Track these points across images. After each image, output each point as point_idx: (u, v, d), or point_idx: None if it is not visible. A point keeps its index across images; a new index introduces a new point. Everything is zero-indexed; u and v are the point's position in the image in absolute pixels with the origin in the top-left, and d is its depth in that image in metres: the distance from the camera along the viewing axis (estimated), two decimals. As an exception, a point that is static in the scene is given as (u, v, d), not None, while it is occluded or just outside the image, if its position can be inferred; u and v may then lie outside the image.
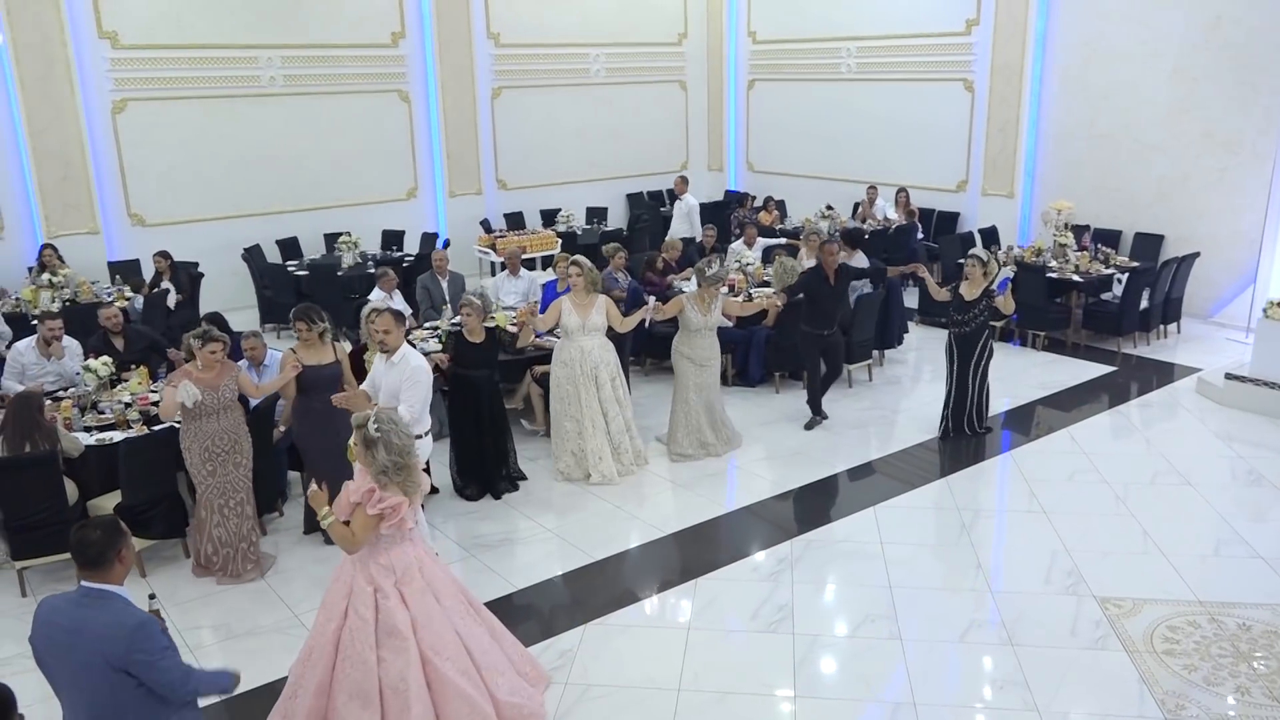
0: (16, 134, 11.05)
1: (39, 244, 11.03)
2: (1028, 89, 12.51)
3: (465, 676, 4.29)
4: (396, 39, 13.55)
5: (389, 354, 5.76)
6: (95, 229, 11.61)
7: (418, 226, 13.75)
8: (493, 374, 7.16)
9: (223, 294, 11.74)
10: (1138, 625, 5.41)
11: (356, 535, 4.19)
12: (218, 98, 12.33)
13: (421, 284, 9.85)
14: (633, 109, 16.20)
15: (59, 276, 10.10)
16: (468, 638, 4.41)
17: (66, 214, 11.38)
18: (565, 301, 7.31)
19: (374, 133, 13.62)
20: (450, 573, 4.70)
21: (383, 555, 4.27)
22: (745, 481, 7.51)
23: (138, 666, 3.22)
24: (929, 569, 6.14)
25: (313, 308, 6.32)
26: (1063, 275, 10.53)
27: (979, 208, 13.33)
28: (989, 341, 7.89)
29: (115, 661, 3.19)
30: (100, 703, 3.26)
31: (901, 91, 14.22)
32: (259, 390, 6.18)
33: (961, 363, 7.90)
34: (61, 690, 3.37)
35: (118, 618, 3.24)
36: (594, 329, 7.26)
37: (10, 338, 8.29)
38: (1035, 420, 8.65)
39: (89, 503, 6.26)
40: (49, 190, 11.25)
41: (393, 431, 4.19)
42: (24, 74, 10.88)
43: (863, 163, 14.77)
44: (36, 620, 3.35)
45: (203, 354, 5.75)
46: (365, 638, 4.19)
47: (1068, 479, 7.37)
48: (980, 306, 7.72)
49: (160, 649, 3.28)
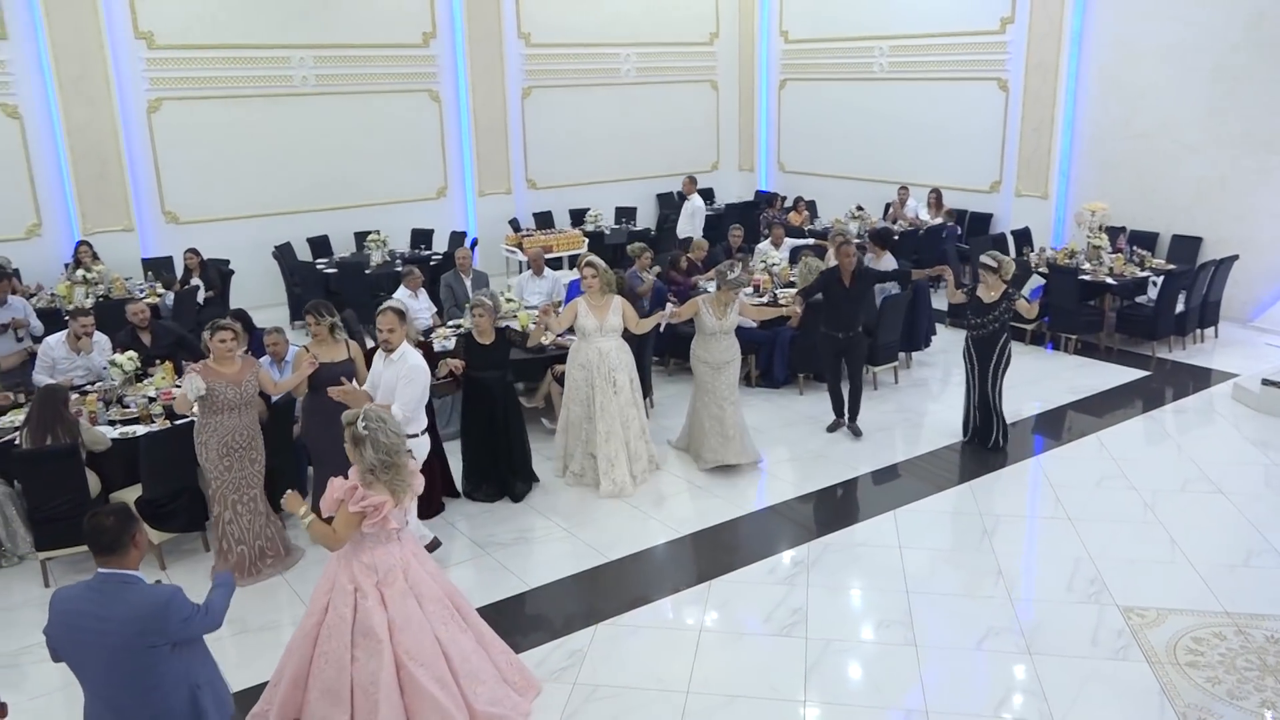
0: (55, 133, 11.25)
1: (75, 241, 11.22)
2: (1063, 88, 12.30)
3: (439, 684, 4.23)
4: (428, 39, 13.63)
5: (390, 352, 5.77)
6: (130, 226, 11.79)
7: (447, 225, 13.81)
8: (505, 375, 7.07)
9: (254, 291, 11.88)
10: (1161, 636, 5.28)
11: (338, 532, 4.18)
12: (251, 97, 12.47)
13: (445, 282, 9.90)
14: (663, 109, 16.16)
15: (93, 273, 10.27)
16: (448, 644, 4.35)
17: (102, 211, 11.57)
18: (581, 303, 7.21)
19: (405, 132, 13.70)
20: (440, 576, 4.64)
21: (366, 554, 4.25)
22: (765, 483, 7.44)
23: (179, 633, 3.37)
24: (948, 574, 6.03)
25: (323, 303, 6.36)
26: (1096, 278, 10.34)
27: (1012, 209, 13.13)
28: (1008, 346, 7.67)
29: (156, 637, 3.30)
30: (138, 680, 3.33)
31: (934, 91, 14.05)
32: (278, 388, 6.19)
33: (980, 368, 7.70)
34: (90, 677, 3.42)
35: (148, 597, 3.36)
36: (611, 330, 7.16)
37: (42, 332, 8.43)
38: (1064, 425, 8.49)
39: (111, 495, 6.35)
40: (85, 188, 11.45)
41: (380, 430, 4.18)
42: (62, 74, 11.08)
43: (895, 163, 14.61)
44: (54, 612, 3.41)
45: (213, 343, 5.78)
46: (341, 636, 4.18)
47: (1095, 485, 7.22)
48: (999, 310, 7.52)
49: (193, 611, 3.45)
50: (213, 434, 5.82)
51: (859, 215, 13.18)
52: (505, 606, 5.77)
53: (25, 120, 11.11)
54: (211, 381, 5.71)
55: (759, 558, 6.26)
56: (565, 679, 5.04)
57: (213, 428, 5.82)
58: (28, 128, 11.14)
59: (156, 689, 3.34)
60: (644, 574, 6.16)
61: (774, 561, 6.20)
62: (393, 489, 4.20)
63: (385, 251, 12.08)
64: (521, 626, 5.58)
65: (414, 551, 4.47)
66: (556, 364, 8.21)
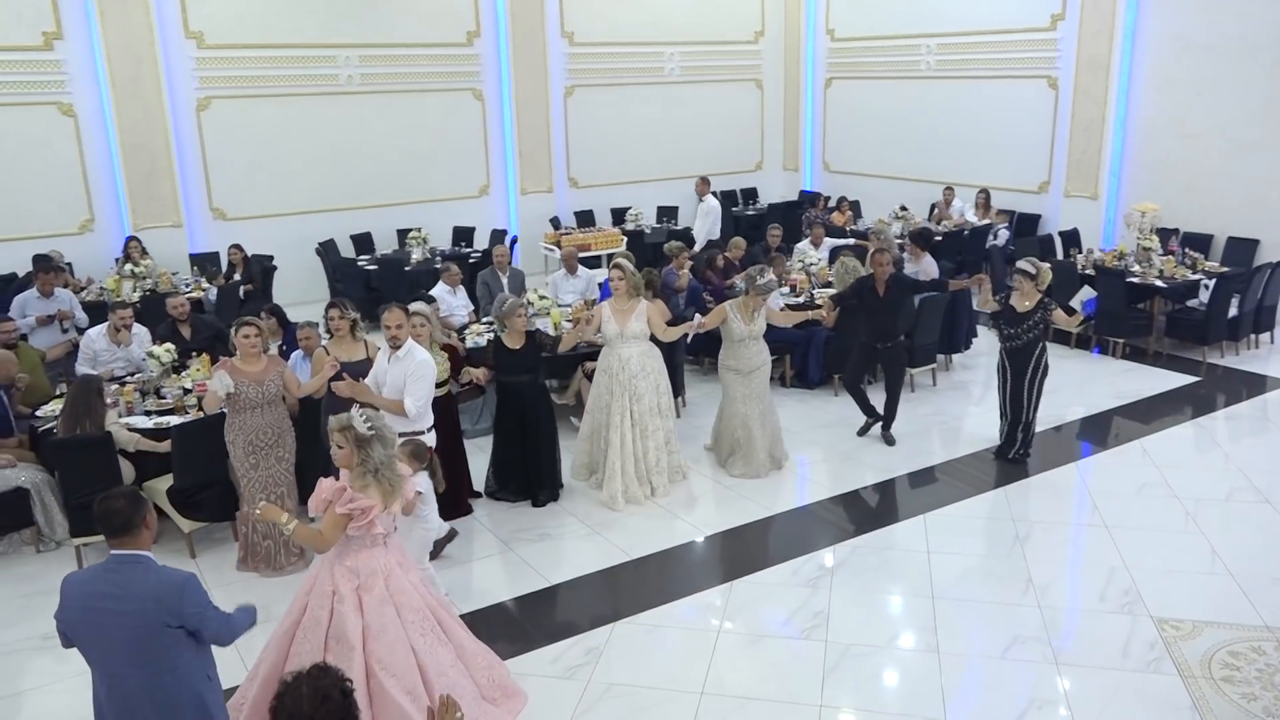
0: (107, 130, 11.53)
1: (125, 236, 11.49)
2: (1114, 86, 11.99)
3: (409, 695, 4.11)
4: (472, 38, 13.72)
5: (396, 349, 5.76)
6: (179, 222, 12.04)
7: (489, 223, 13.90)
8: (536, 379, 6.93)
9: (297, 287, 12.07)
10: (1196, 649, 5.10)
11: (324, 534, 4.15)
12: (297, 96, 12.66)
13: (482, 280, 9.95)
14: (707, 108, 16.09)
15: (140, 267, 10.49)
16: (423, 655, 4.23)
17: (151, 208, 11.83)
18: (606, 307, 7.03)
19: (448, 130, 13.82)
20: (424, 586, 4.54)
21: (349, 558, 4.20)
22: (795, 484, 7.36)
23: (192, 619, 3.37)
24: (976, 580, 5.90)
25: (346, 299, 6.38)
26: (1145, 280, 10.05)
27: (1061, 209, 12.84)
28: (1044, 356, 7.34)
29: (170, 618, 3.32)
30: (149, 663, 3.36)
31: (982, 89, 13.79)
32: (300, 390, 6.14)
33: (1015, 379, 7.38)
34: (103, 660, 3.44)
35: (163, 577, 3.39)
36: (633, 336, 6.92)
37: (87, 323, 8.63)
38: (1106, 431, 8.27)
39: (145, 484, 6.46)
40: (136, 185, 11.71)
41: (385, 427, 4.16)
42: (115, 73, 11.34)
43: (941, 163, 14.37)
44: (67, 595, 3.45)
45: (237, 339, 5.84)
46: (315, 639, 4.13)
47: (1135, 493, 7.01)
48: (1035, 319, 7.19)
49: (210, 604, 3.46)
50: (239, 432, 5.87)
51: (902, 216, 12.99)
52: (525, 602, 5.77)
53: (79, 118, 11.40)
54: (235, 380, 5.74)
55: (783, 559, 6.18)
56: (580, 676, 5.01)
57: (239, 426, 5.86)
58: (82, 126, 11.42)
59: (170, 673, 3.36)
60: (666, 574, 6.12)
61: (798, 564, 6.11)
62: (393, 485, 4.16)
63: (426, 249, 12.18)
64: (540, 623, 5.57)
65: (398, 559, 4.39)
66: (588, 361, 8.19)
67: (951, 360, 9.99)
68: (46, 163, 11.27)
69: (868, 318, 7.89)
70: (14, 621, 5.70)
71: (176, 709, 3.40)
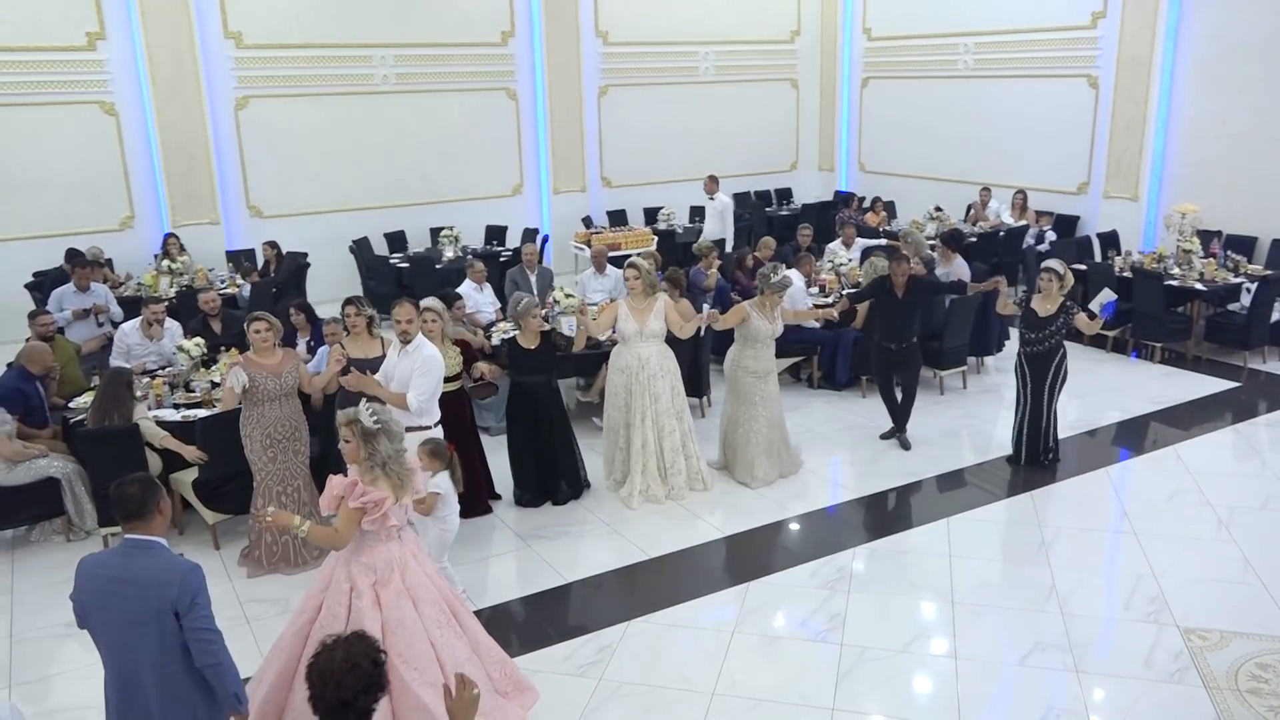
0: (148, 129, 11.74)
1: (164, 232, 11.69)
2: (1156, 85, 11.74)
3: (431, 688, 4.08)
4: (506, 38, 13.79)
5: (406, 343, 5.78)
6: (216, 220, 12.24)
7: (522, 222, 13.94)
8: (549, 380, 6.88)
9: (331, 284, 12.18)
10: (1222, 660, 4.97)
11: (339, 531, 4.16)
12: (333, 95, 12.81)
13: (510, 277, 9.99)
14: (742, 108, 16.02)
15: (177, 263, 10.67)
16: (440, 648, 4.22)
17: (190, 205, 12.03)
18: (623, 305, 6.97)
19: (482, 130, 13.90)
20: (437, 578, 4.53)
21: (365, 554, 4.20)
22: (818, 486, 7.29)
23: (185, 607, 3.35)
24: (997, 586, 5.81)
25: (361, 296, 6.41)
26: (1184, 283, 9.83)
27: (1100, 211, 12.60)
28: (1064, 362, 7.19)
29: (169, 604, 3.33)
30: (151, 648, 3.38)
31: (1021, 89, 13.58)
32: (312, 384, 6.16)
33: (1035, 385, 7.21)
34: (110, 643, 3.49)
35: (169, 563, 3.41)
36: (651, 335, 6.85)
37: (121, 317, 8.79)
38: (1140, 436, 8.10)
39: (172, 475, 6.58)
40: (175, 182, 11.92)
41: (391, 420, 4.17)
42: (156, 73, 11.55)
43: (978, 163, 14.18)
44: (81, 575, 3.51)
45: (249, 334, 5.90)
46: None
47: (1166, 500, 6.86)
48: (1056, 324, 7.05)
49: (204, 594, 3.41)
50: (256, 425, 5.90)
51: (937, 216, 12.82)
52: (541, 599, 5.77)
53: (121, 117, 11.62)
54: (252, 372, 5.80)
55: (802, 561, 6.12)
56: (592, 674, 5.00)
57: (256, 419, 5.89)
58: (123, 124, 11.65)
59: (171, 661, 3.38)
60: (683, 573, 6.09)
61: (817, 565, 6.06)
62: (401, 479, 4.16)
63: (458, 247, 12.25)
64: (554, 620, 5.57)
65: (413, 552, 4.39)
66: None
67: (983, 363, 9.85)
68: (89, 161, 11.51)
69: (883, 318, 7.80)
70: (44, 608, 5.81)
71: (173, 698, 3.42)
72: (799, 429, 8.28)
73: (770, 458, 7.20)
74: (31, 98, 11.10)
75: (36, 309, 7.92)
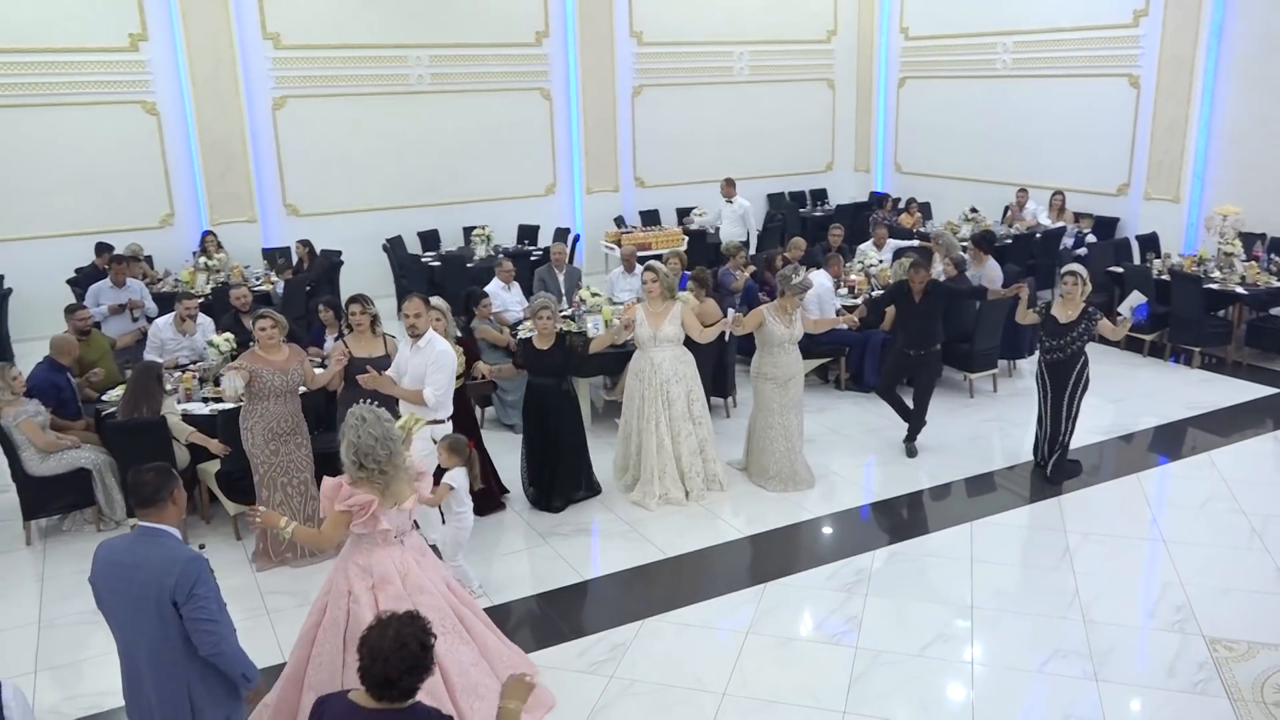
0: (187, 128, 11.96)
1: (203, 230, 11.89)
2: (1199, 84, 11.49)
3: (428, 695, 3.92)
4: (540, 38, 13.84)
5: (415, 338, 5.80)
6: (253, 218, 12.42)
7: (554, 221, 13.98)
8: (561, 382, 6.81)
9: (364, 282, 12.14)
10: (1249, 671, 4.85)
11: (324, 532, 4.16)
12: (369, 95, 12.94)
13: (539, 276, 10.04)
14: (777, 108, 15.93)
15: (214, 261, 10.85)
16: (443, 655, 4.11)
17: (228, 203, 12.22)
18: (639, 310, 6.88)
19: (515, 129, 13.96)
20: (442, 585, 4.47)
21: (361, 556, 4.18)
22: (841, 487, 7.22)
23: (183, 597, 3.39)
24: (1018, 591, 5.72)
25: (366, 295, 6.46)
26: (1225, 287, 9.61)
27: (1140, 213, 12.36)
28: (1085, 369, 6.98)
29: (168, 593, 3.38)
30: (153, 635, 3.45)
31: (1060, 88, 13.36)
32: (314, 381, 6.24)
33: (1055, 393, 7.01)
34: (119, 627, 3.57)
35: (172, 552, 3.46)
36: (665, 340, 6.76)
37: (156, 313, 8.96)
38: (1174, 442, 7.94)
39: (199, 466, 6.69)
40: (213, 181, 12.12)
41: (358, 428, 4.07)
42: (195, 73, 11.76)
43: (1016, 164, 13.97)
44: (96, 560, 3.60)
45: (255, 331, 5.99)
46: (334, 639, 4.10)
47: (1199, 507, 6.71)
48: (1078, 330, 6.85)
49: (205, 585, 3.43)
50: (259, 420, 5.95)
51: (972, 218, 12.67)
52: (555, 596, 5.78)
53: (162, 117, 11.84)
54: (259, 367, 5.87)
55: (821, 563, 6.08)
56: (603, 671, 5.00)
57: (259, 413, 5.95)
58: (164, 124, 11.87)
59: (171, 650, 3.44)
60: (699, 573, 6.07)
61: (836, 568, 6.00)
62: (386, 486, 4.10)
63: (489, 246, 12.32)
64: (568, 617, 5.58)
65: (417, 557, 4.33)
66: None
67: (1015, 366, 9.70)
68: (130, 159, 11.74)
69: (902, 323, 7.70)
70: (74, 595, 5.92)
71: (170, 683, 3.47)
72: (825, 430, 8.23)
73: (782, 470, 7.09)
74: (75, 98, 11.34)
75: (74, 304, 8.10)
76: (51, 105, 11.24)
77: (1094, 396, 8.54)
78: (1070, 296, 6.88)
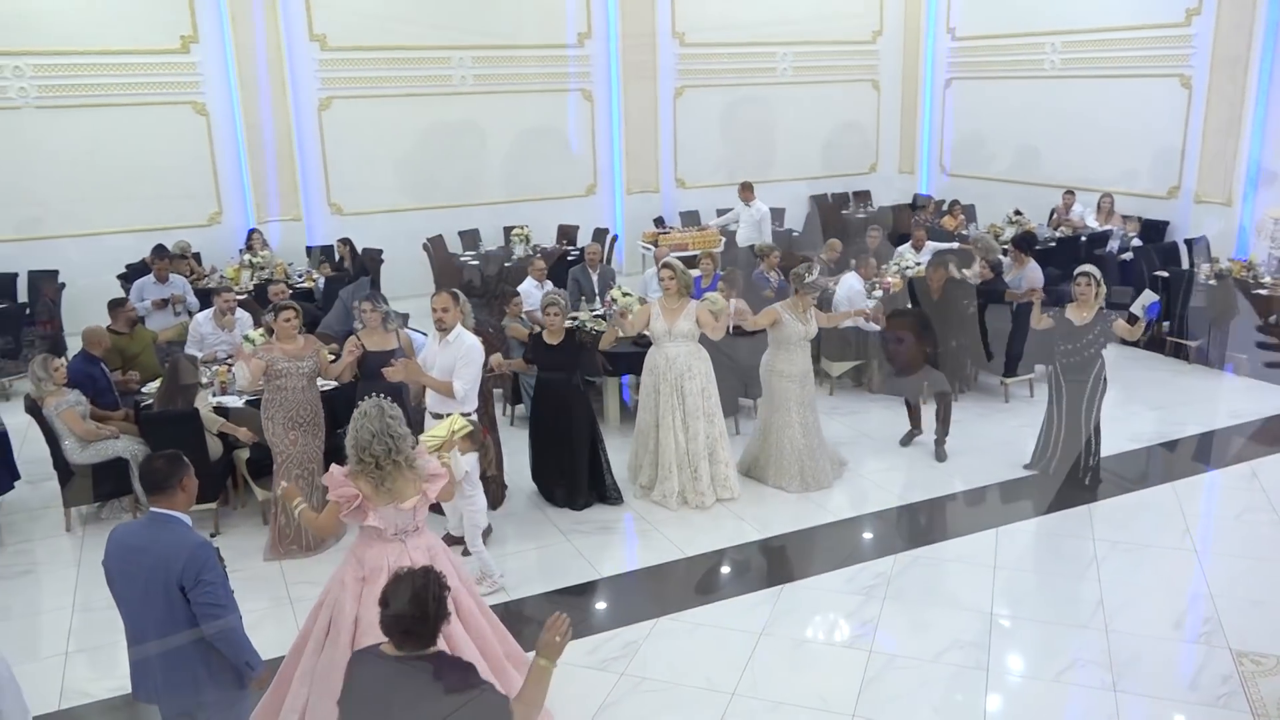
0: (235, 128, 12.23)
1: (249, 228, 12.15)
2: (1254, 85, 11.18)
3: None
4: (583, 39, 13.92)
5: (445, 333, 5.88)
6: (298, 216, 12.68)
7: (595, 221, 14.03)
8: (571, 378, 6.78)
9: (405, 281, 12.50)
10: (1275, 687, 4.72)
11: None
12: (413, 96, 13.11)
13: (573, 275, 10.09)
14: (821, 109, 15.81)
15: (258, 258, 11.09)
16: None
17: (274, 202, 12.47)
18: (655, 305, 6.88)
19: (557, 130, 14.06)
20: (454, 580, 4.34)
21: (359, 547, 4.21)
22: (866, 489, 7.16)
23: (190, 582, 3.47)
24: (1040, 599, 5.62)
25: (379, 294, 6.59)
26: (1275, 292, 9.35)
27: (1191, 216, 12.05)
28: (1103, 373, 6.80)
29: (175, 577, 3.47)
30: (161, 619, 3.54)
31: (1110, 89, 13.08)
32: (329, 371, 6.36)
33: (1071, 400, 6.85)
34: (128, 610, 3.67)
35: (180, 538, 3.55)
36: (680, 335, 6.74)
37: (198, 308, 9.18)
38: (1214, 450, 7.74)
39: (235, 452, 6.84)
40: (260, 180, 12.38)
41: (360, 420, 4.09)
42: (244, 74, 12.02)
43: (1064, 166, 13.70)
44: (109, 543, 3.70)
45: (278, 322, 6.15)
46: (323, 621, 4.17)
47: (1234, 517, 6.54)
48: (1094, 333, 6.70)
49: (213, 571, 3.51)
50: (279, 408, 6.11)
51: (1016, 220, 12.45)
52: (570, 592, 5.81)
53: (211, 117, 12.12)
54: (274, 357, 6.05)
55: (839, 566, 6.03)
56: (614, 669, 5.02)
57: (279, 402, 6.11)
58: (213, 124, 12.15)
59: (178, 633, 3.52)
60: (716, 573, 6.07)
61: (854, 571, 5.96)
62: (378, 484, 4.09)
63: (528, 246, 12.42)
64: (582, 613, 5.60)
65: (424, 558, 4.18)
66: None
67: (1054, 371, 9.52)
68: (181, 159, 12.02)
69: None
70: (108, 581, 6.11)
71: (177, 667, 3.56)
72: (853, 433, 8.17)
73: (806, 465, 7.03)
74: (128, 98, 11.65)
75: (116, 299, 8.33)
76: (105, 106, 11.56)
77: (1134, 403, 8.44)
78: (1084, 298, 6.75)
